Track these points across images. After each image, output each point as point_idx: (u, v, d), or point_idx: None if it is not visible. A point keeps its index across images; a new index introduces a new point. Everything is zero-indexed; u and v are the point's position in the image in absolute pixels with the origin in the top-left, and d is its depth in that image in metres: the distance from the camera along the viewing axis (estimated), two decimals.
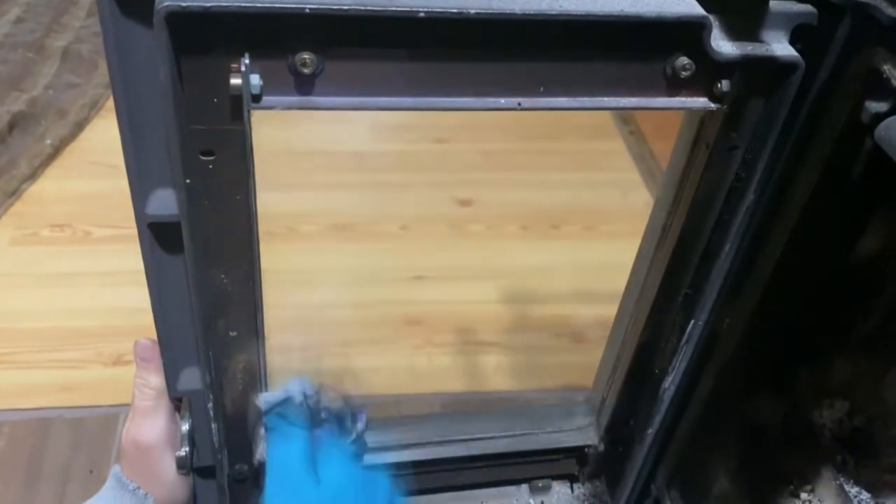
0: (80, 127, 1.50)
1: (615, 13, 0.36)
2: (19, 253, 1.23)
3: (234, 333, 0.48)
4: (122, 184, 0.40)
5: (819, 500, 0.58)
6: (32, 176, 1.38)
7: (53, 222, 1.29)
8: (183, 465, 0.53)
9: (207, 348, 0.47)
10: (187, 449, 0.53)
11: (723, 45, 0.39)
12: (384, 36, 0.35)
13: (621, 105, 0.39)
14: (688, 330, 0.54)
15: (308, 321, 0.90)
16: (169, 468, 0.52)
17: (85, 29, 1.78)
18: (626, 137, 1.39)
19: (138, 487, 0.51)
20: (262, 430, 0.54)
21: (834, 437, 0.60)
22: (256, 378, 0.51)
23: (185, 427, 0.53)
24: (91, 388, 1.03)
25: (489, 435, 0.64)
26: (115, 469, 0.52)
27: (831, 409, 0.60)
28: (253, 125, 0.39)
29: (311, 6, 0.33)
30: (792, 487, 0.60)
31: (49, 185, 1.37)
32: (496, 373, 0.97)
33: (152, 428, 0.51)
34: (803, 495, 0.59)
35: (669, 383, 0.57)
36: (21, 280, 1.19)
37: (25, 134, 1.46)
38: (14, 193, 1.33)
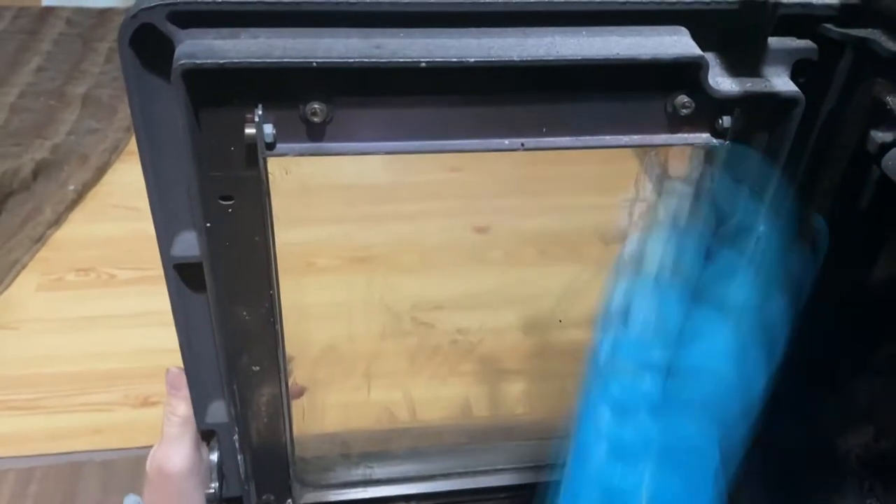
0: (101, 171, 1.52)
1: (611, 56, 0.37)
2: (46, 299, 1.26)
3: (258, 368, 0.49)
4: (144, 226, 0.42)
5: None
6: (57, 222, 1.40)
7: (78, 267, 1.31)
8: (213, 498, 0.54)
9: (232, 382, 0.49)
10: (216, 484, 0.54)
11: (722, 81, 0.40)
12: (389, 85, 0.37)
13: (624, 143, 0.40)
14: None
15: (330, 355, 0.91)
16: (191, 497, 0.53)
17: (104, 75, 1.82)
18: (641, 157, 1.39)
19: None
20: None
21: (860, 463, 0.59)
22: (280, 410, 0.52)
23: (214, 458, 0.54)
24: (120, 430, 1.04)
25: (511, 466, 0.64)
26: (133, 498, 0.53)
27: (856, 434, 0.59)
28: (270, 167, 0.41)
29: (318, 60, 0.35)
30: None
31: (73, 230, 1.40)
32: (520, 400, 0.97)
33: (177, 455, 0.52)
34: None
35: None
36: (48, 325, 1.21)
37: (49, 180, 1.49)
38: (40, 240, 1.36)
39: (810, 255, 0.44)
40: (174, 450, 0.52)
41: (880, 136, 0.42)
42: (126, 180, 1.48)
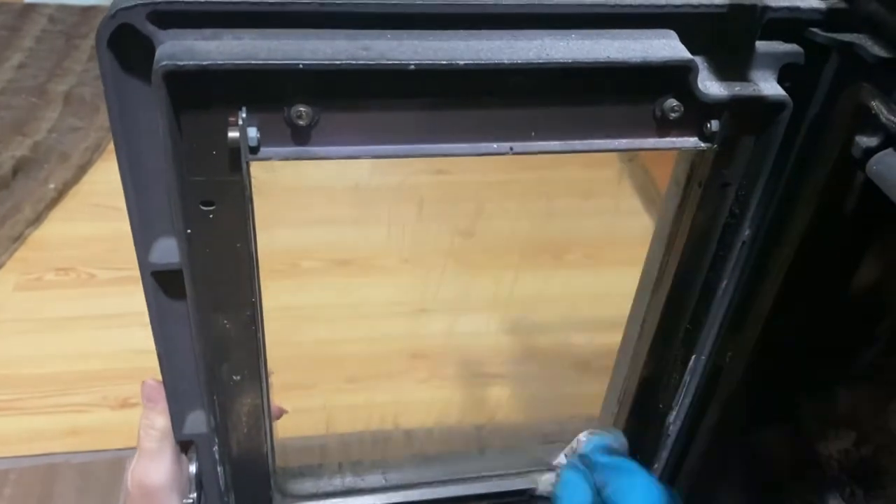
0: (83, 170, 1.51)
1: (602, 59, 0.36)
2: (24, 298, 1.25)
3: (238, 377, 0.48)
4: (125, 226, 0.41)
5: None
6: (36, 220, 1.39)
7: (58, 266, 1.30)
8: None
9: (212, 393, 0.48)
10: (195, 495, 0.53)
11: (711, 85, 0.40)
12: (376, 88, 0.36)
13: (612, 147, 0.40)
14: (690, 365, 0.54)
15: (312, 358, 0.91)
16: None
17: (87, 73, 1.80)
18: (626, 164, 1.42)
19: None
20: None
21: (841, 468, 0.59)
22: (261, 420, 0.51)
23: (193, 469, 0.53)
24: (97, 432, 1.03)
25: (493, 473, 0.63)
26: None
27: (837, 439, 0.60)
28: (253, 170, 0.40)
29: (305, 62, 0.34)
30: None
31: (53, 229, 1.39)
32: (502, 404, 0.97)
33: (157, 470, 0.51)
34: None
35: (674, 418, 0.57)
36: (26, 325, 1.20)
37: (29, 178, 1.47)
38: (18, 238, 1.34)
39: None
40: (154, 464, 0.51)
41: (865, 140, 0.42)
42: (107, 179, 1.46)
